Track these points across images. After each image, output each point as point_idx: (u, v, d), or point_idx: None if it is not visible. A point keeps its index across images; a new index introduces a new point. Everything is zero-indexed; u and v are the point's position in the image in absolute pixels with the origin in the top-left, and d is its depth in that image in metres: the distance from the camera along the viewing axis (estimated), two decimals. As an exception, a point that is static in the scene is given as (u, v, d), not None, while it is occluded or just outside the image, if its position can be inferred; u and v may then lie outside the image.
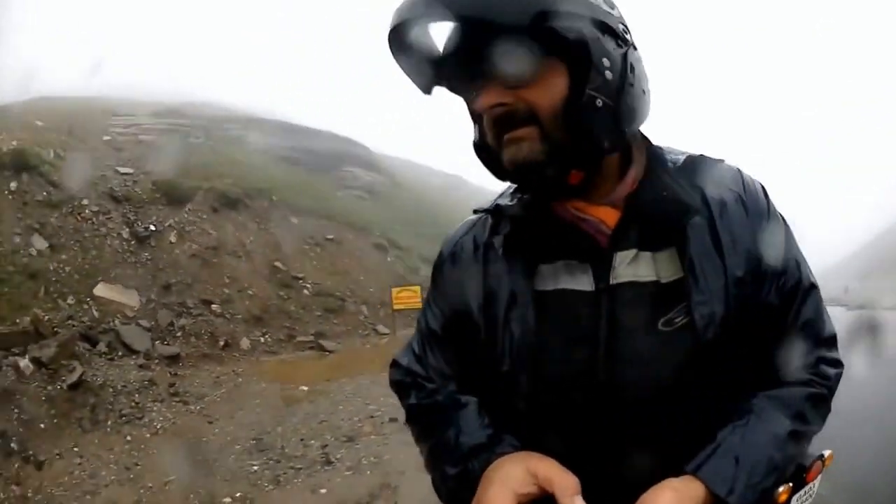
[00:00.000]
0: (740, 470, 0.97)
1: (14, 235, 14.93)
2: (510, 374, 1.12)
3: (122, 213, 19.20)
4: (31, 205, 16.28)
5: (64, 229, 16.51)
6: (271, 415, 10.60)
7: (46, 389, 9.67)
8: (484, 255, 1.21)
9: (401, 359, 1.39)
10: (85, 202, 18.07)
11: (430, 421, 1.28)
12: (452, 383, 1.27)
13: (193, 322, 16.42)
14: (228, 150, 31.42)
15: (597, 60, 0.99)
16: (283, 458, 8.35)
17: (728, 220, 1.08)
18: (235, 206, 23.60)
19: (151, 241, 18.78)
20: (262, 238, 23.42)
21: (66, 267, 15.26)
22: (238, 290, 19.48)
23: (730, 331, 1.03)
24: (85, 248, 16.48)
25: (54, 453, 8.44)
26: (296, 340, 18.49)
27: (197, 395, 11.85)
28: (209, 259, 19.86)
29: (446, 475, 1.16)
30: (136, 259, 17.66)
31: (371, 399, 11.22)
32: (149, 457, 8.65)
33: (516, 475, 0.99)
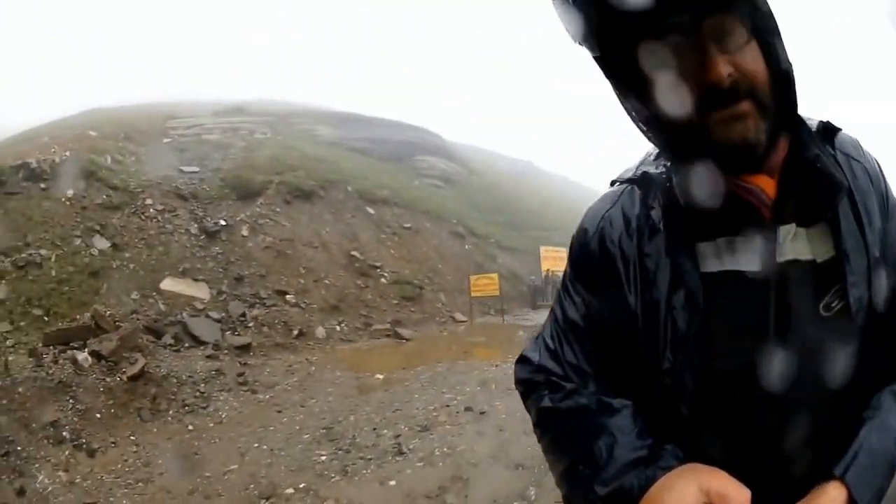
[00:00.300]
0: (875, 474, 0.91)
1: (73, 238, 15.46)
2: (672, 372, 0.99)
3: (189, 209, 19.74)
4: (90, 209, 16.89)
5: (127, 229, 17.06)
6: (344, 404, 10.35)
7: (105, 381, 9.80)
8: (638, 230, 1.07)
9: (530, 354, 1.23)
10: (148, 202, 18.66)
11: (570, 427, 1.08)
12: (593, 383, 1.11)
13: (266, 312, 16.50)
14: (297, 143, 31.81)
15: (775, 29, 0.95)
16: (354, 447, 8.00)
17: (861, 195, 1.01)
18: (309, 198, 23.89)
19: (222, 235, 19.14)
20: (338, 228, 23.64)
21: (130, 264, 15.73)
22: (314, 279, 19.63)
23: (873, 316, 0.97)
24: (150, 246, 16.95)
25: (109, 441, 8.43)
26: (372, 328, 18.37)
27: (267, 384, 11.76)
28: (283, 250, 20.10)
29: (593, 495, 0.96)
30: (206, 253, 18.01)
31: (447, 388, 10.92)
32: (210, 446, 8.50)
33: (690, 495, 0.85)
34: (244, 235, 19.61)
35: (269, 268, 18.77)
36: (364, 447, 7.91)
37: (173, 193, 19.97)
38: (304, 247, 21.00)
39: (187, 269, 16.59)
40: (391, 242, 25.21)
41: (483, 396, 9.93)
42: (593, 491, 0.97)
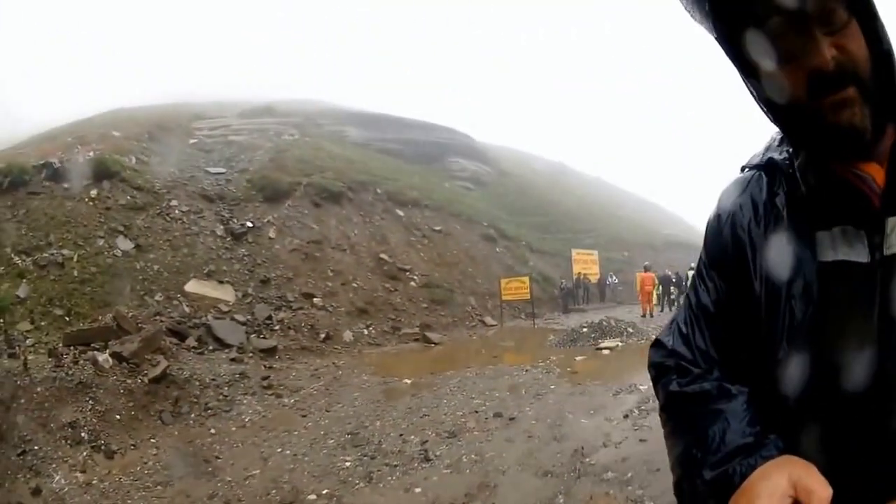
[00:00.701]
0: None
1: (97, 238, 15.66)
2: (785, 362, 0.99)
3: (215, 211, 19.90)
4: (114, 209, 17.10)
5: (152, 230, 17.25)
6: (370, 408, 10.24)
7: (125, 382, 9.81)
8: (765, 217, 1.08)
9: (664, 338, 1.21)
10: (174, 203, 18.86)
11: (692, 412, 1.09)
12: (718, 368, 1.11)
13: (293, 315, 16.52)
14: (325, 145, 31.98)
15: (874, 10, 0.93)
16: (379, 453, 7.87)
17: None
18: (338, 200, 23.96)
19: (248, 237, 19.25)
20: (367, 231, 23.69)
21: (154, 265, 15.89)
22: (342, 282, 19.64)
23: None
24: (175, 247, 17.10)
25: (128, 444, 8.44)
26: (401, 332, 18.30)
27: (292, 388, 11.71)
28: (311, 253, 20.17)
29: (700, 479, 0.99)
30: (232, 255, 18.12)
31: (476, 393, 10.77)
32: (231, 450, 8.43)
33: (781, 487, 0.86)
34: (271, 237, 19.68)
35: (296, 270, 18.80)
36: (390, 453, 7.79)
37: (199, 195, 20.13)
38: (332, 249, 21.04)
39: (213, 272, 16.67)
40: (421, 245, 25.20)
41: (513, 402, 9.79)
42: (701, 475, 0.99)
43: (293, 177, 23.39)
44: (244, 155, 26.58)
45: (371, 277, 20.84)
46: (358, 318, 18.10)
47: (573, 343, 15.87)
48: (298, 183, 22.99)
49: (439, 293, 22.03)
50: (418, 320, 19.60)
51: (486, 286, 24.58)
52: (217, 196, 20.62)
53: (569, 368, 12.57)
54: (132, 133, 24.34)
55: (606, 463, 6.47)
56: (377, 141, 37.38)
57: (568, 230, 39.43)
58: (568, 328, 18.00)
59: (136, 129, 25.14)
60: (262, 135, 30.76)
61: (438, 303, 21.55)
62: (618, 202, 53.92)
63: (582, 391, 10.22)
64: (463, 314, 21.95)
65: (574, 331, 16.85)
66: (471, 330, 20.71)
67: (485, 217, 31.96)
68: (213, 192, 20.80)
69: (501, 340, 18.61)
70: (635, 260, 37.73)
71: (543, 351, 15.33)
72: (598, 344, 15.23)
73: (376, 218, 24.69)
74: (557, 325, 21.29)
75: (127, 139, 23.01)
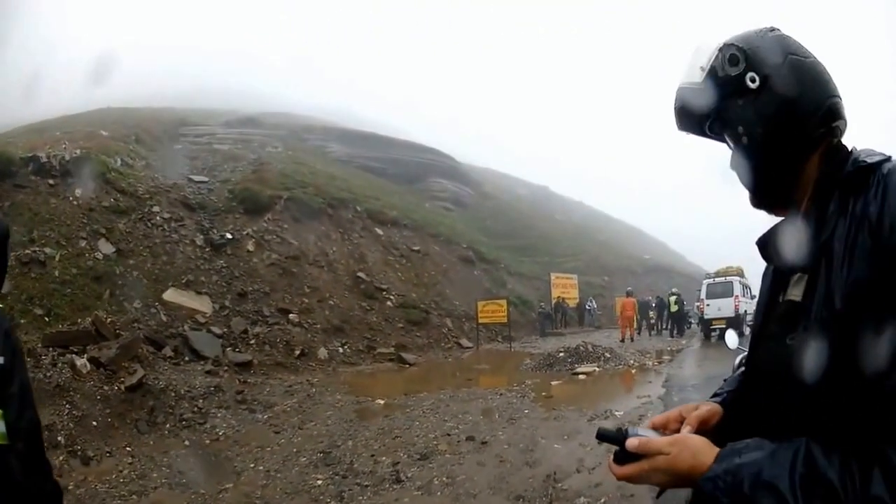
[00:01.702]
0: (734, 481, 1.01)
1: (79, 239, 15.58)
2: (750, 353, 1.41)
3: (195, 220, 19.87)
4: (97, 211, 17.00)
5: (133, 235, 17.18)
6: (343, 428, 10.32)
7: (102, 389, 9.87)
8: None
9: None
10: (156, 209, 18.80)
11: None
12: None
13: (269, 330, 16.57)
14: (308, 159, 32.07)
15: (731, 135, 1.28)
16: (351, 473, 7.95)
17: (847, 245, 1.09)
18: (318, 216, 24.00)
19: (227, 248, 19.26)
20: (346, 248, 23.73)
21: (133, 271, 15.86)
22: (318, 299, 19.69)
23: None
24: (155, 254, 17.07)
25: (104, 451, 8.50)
26: (376, 352, 18.39)
27: (266, 403, 11.77)
28: (289, 268, 20.18)
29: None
30: (211, 266, 18.12)
31: (449, 416, 10.84)
32: (206, 462, 8.52)
33: (675, 411, 1.39)
34: (250, 250, 19.71)
35: (273, 285, 18.83)
36: (361, 473, 7.85)
37: (181, 202, 20.13)
38: (309, 265, 21.09)
39: (191, 281, 16.70)
40: (398, 265, 25.27)
41: (486, 425, 9.90)
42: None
43: (274, 190, 23.42)
44: (227, 164, 26.65)
45: (348, 295, 20.91)
46: (333, 336, 18.17)
47: (549, 367, 16.07)
48: (279, 197, 23.02)
49: (415, 314, 22.11)
50: (394, 340, 19.67)
51: (464, 308, 24.73)
52: (198, 205, 20.63)
53: (544, 393, 12.72)
54: (119, 134, 24.33)
55: (579, 488, 6.53)
56: (360, 158, 37.62)
57: (547, 253, 39.77)
58: (545, 352, 18.17)
59: (123, 130, 25.14)
60: (246, 145, 30.88)
61: (414, 323, 21.62)
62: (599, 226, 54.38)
63: (556, 416, 10.32)
64: (439, 336, 22.06)
65: (550, 355, 17.06)
66: (446, 352, 20.84)
67: (464, 239, 32.16)
68: (194, 200, 20.80)
69: (477, 363, 18.77)
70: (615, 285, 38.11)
71: (519, 375, 15.51)
72: (575, 369, 15.45)
73: (355, 236, 24.76)
74: (534, 348, 21.47)
75: (114, 139, 22.99)
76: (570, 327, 31.69)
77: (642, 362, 17.13)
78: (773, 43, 1.23)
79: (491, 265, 31.63)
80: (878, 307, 0.98)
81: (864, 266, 1.02)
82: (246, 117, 36.76)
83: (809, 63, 1.22)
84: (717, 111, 1.27)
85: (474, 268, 30.05)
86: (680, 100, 1.33)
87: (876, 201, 1.05)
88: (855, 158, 1.17)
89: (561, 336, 26.83)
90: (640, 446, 1.09)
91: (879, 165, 1.11)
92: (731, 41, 1.26)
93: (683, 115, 1.34)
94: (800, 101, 1.19)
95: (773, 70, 1.20)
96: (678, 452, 1.06)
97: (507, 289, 29.38)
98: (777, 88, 1.19)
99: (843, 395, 1.01)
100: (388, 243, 26.03)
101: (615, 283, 39.29)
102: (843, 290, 1.04)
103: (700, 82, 1.28)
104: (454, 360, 19.51)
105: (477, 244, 32.75)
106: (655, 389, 12.39)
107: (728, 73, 1.23)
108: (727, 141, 1.29)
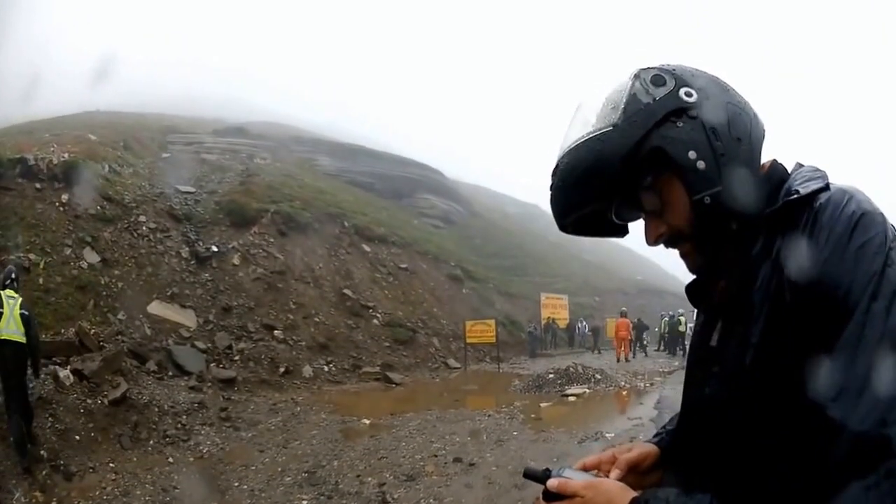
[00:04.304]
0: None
1: (64, 247, 15.49)
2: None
3: (181, 231, 19.84)
4: (83, 218, 16.91)
5: (118, 244, 17.11)
6: (328, 447, 10.34)
7: (86, 402, 9.84)
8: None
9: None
10: (142, 219, 18.75)
11: None
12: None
13: (254, 346, 16.56)
14: (296, 172, 32.11)
15: (683, 162, 1.05)
16: (336, 493, 7.98)
17: (769, 293, 1.04)
18: (304, 231, 23.98)
19: (213, 261, 19.24)
20: (332, 264, 23.68)
21: (118, 282, 15.76)
22: (304, 316, 19.67)
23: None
24: (140, 265, 17.02)
25: (87, 466, 8.49)
26: (361, 371, 18.36)
27: (250, 421, 11.80)
28: (274, 283, 20.15)
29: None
30: (196, 279, 18.11)
31: (436, 436, 10.87)
32: (190, 480, 8.51)
33: (608, 452, 1.35)
34: (235, 264, 19.69)
35: (258, 300, 18.81)
36: (347, 494, 7.89)
37: (167, 212, 20.10)
38: (295, 281, 21.06)
39: (176, 294, 16.67)
40: (386, 282, 25.24)
41: (473, 447, 9.95)
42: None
43: (261, 203, 23.44)
44: (215, 175, 26.67)
45: (333, 312, 20.90)
46: (319, 354, 18.17)
47: (539, 389, 16.10)
48: (266, 210, 23.03)
49: (402, 332, 22.09)
50: (380, 359, 19.65)
51: (451, 328, 24.74)
52: (184, 216, 20.61)
53: (533, 415, 12.80)
54: (108, 139, 24.28)
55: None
56: (348, 172, 37.74)
57: (537, 273, 39.80)
58: (534, 373, 18.22)
59: (112, 136, 25.10)
60: (233, 156, 30.94)
61: (401, 342, 21.62)
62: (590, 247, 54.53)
63: (545, 438, 10.41)
64: (426, 355, 22.07)
65: (540, 376, 17.09)
66: (433, 372, 20.85)
67: (452, 257, 32.22)
68: (181, 211, 20.79)
69: (465, 384, 18.81)
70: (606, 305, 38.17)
71: (507, 396, 15.55)
72: (565, 390, 15.48)
73: (342, 252, 24.74)
74: (523, 369, 21.55)
75: (103, 145, 22.92)
76: (559, 348, 31.76)
77: (634, 384, 17.23)
78: (683, 66, 1.13)
79: (480, 284, 31.65)
80: (790, 363, 0.94)
81: (778, 321, 0.98)
82: (234, 126, 36.84)
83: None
84: (653, 148, 1.04)
85: (463, 287, 30.08)
86: (584, 159, 1.08)
87: (799, 245, 0.97)
88: (788, 188, 1.07)
89: (551, 357, 26.86)
90: (558, 486, 1.12)
91: (813, 198, 1.00)
92: (643, 69, 1.11)
93: (591, 180, 1.08)
94: (746, 109, 1.11)
95: (705, 82, 1.10)
96: (593, 496, 1.09)
97: (495, 308, 29.37)
98: (719, 97, 1.08)
99: (749, 451, 1.01)
100: (375, 260, 26.00)
101: (606, 303, 39.38)
102: (754, 349, 1.01)
103: (616, 120, 1.05)
104: (441, 380, 19.53)
105: (466, 262, 32.82)
106: (647, 411, 12.51)
107: (655, 94, 1.06)
108: (658, 197, 1.11)
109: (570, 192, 1.13)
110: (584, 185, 1.10)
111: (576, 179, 1.10)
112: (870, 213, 0.96)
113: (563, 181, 1.12)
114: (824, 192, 1.00)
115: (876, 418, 0.83)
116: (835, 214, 0.96)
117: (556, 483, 1.13)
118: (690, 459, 1.17)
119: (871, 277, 0.90)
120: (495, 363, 22.96)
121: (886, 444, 0.82)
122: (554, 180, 1.15)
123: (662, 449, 1.32)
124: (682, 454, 1.22)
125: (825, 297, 0.91)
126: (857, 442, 0.84)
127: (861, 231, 0.94)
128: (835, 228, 0.94)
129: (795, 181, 1.07)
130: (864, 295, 0.89)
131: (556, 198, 1.15)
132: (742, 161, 1.07)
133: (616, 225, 1.22)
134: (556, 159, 1.14)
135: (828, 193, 1.00)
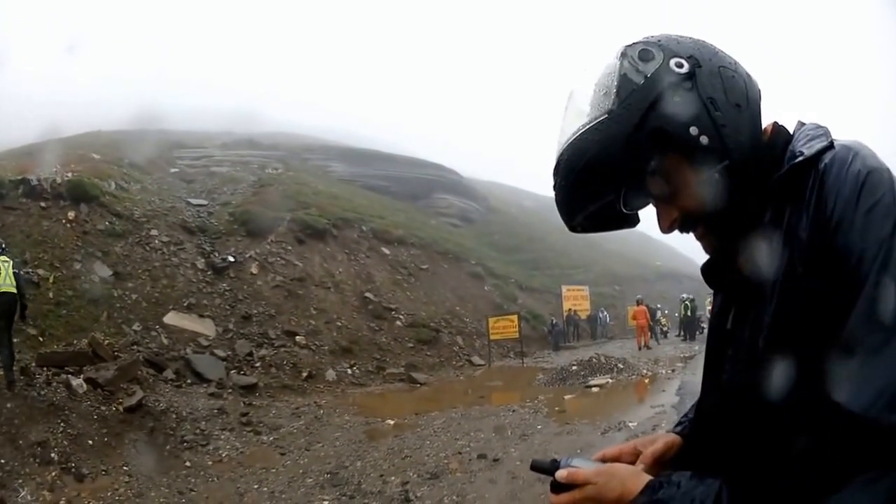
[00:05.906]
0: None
1: (74, 262, 15.68)
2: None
3: (196, 243, 19.95)
4: (91, 234, 17.14)
5: (130, 258, 17.29)
6: (351, 448, 10.28)
7: (99, 409, 9.91)
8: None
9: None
10: (154, 232, 18.92)
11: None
12: None
13: (275, 353, 16.52)
14: (310, 179, 32.26)
15: (686, 141, 0.99)
16: (359, 493, 7.90)
17: (783, 273, 1.01)
18: (322, 237, 24.05)
19: (230, 271, 19.30)
20: (352, 269, 23.73)
21: (132, 294, 15.92)
22: (325, 321, 19.67)
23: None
24: (154, 277, 17.12)
25: (100, 469, 8.51)
26: (385, 372, 18.30)
27: (271, 425, 11.73)
28: (294, 290, 20.18)
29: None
30: (213, 289, 18.14)
31: (461, 434, 10.76)
32: (207, 484, 8.48)
33: (630, 444, 1.30)
34: (253, 273, 19.73)
35: (278, 307, 18.83)
36: (369, 493, 7.81)
37: (179, 226, 20.25)
38: (315, 287, 21.08)
39: (193, 305, 16.72)
40: (407, 284, 25.26)
41: (498, 443, 9.82)
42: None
43: (276, 212, 23.48)
44: (226, 187, 26.82)
45: (356, 316, 20.89)
46: (342, 357, 18.11)
47: (562, 381, 15.98)
48: (282, 218, 23.09)
49: (425, 333, 22.06)
50: (404, 360, 19.62)
51: (474, 325, 24.68)
52: (198, 228, 20.74)
53: (557, 408, 12.65)
54: (112, 157, 24.57)
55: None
56: (363, 177, 37.87)
57: (557, 266, 39.67)
58: (557, 366, 18.11)
59: (115, 154, 25.39)
60: (244, 167, 31.08)
61: (424, 342, 21.58)
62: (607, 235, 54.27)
63: (569, 430, 10.26)
64: (450, 354, 22.01)
65: (563, 369, 16.98)
66: (458, 370, 20.77)
67: (472, 255, 32.17)
68: (194, 223, 20.91)
69: (489, 380, 18.71)
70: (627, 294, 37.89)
71: (531, 390, 15.41)
72: (588, 381, 15.37)
73: (361, 256, 24.79)
74: (547, 363, 21.40)
75: (107, 163, 23.18)
76: (582, 340, 31.59)
77: (655, 371, 17.07)
78: (667, 34, 1.07)
79: (501, 280, 31.55)
80: (805, 344, 0.92)
81: (792, 297, 0.95)
82: (243, 139, 37.03)
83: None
84: (652, 129, 0.97)
85: (484, 284, 30.04)
86: (584, 152, 1.02)
87: (808, 213, 0.95)
88: (792, 150, 1.03)
89: (574, 349, 26.73)
90: (567, 476, 1.08)
91: (818, 158, 0.98)
92: (629, 45, 1.05)
93: (594, 174, 1.03)
94: (738, 70, 1.05)
95: (693, 48, 1.03)
96: (606, 482, 1.05)
97: (517, 304, 29.27)
98: (710, 62, 1.02)
99: (766, 436, 0.97)
100: (395, 262, 26.05)
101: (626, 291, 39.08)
102: (767, 329, 0.99)
103: (611, 106, 0.99)
104: (466, 377, 19.45)
105: (486, 260, 32.76)
106: (669, 398, 12.32)
107: (646, 71, 1.00)
108: (664, 181, 1.04)
109: (575, 191, 1.09)
110: (588, 181, 1.06)
111: (579, 176, 1.05)
112: (876, 170, 0.94)
113: (566, 180, 1.07)
114: (829, 151, 0.98)
115: (884, 403, 0.81)
116: (840, 175, 0.94)
117: (565, 474, 1.09)
118: (707, 446, 1.13)
119: (880, 244, 0.88)
120: (519, 358, 22.77)
121: (894, 430, 0.81)
122: (557, 180, 1.10)
123: (684, 437, 1.27)
124: (699, 441, 1.19)
125: (835, 268, 0.90)
126: (864, 428, 0.82)
127: (868, 192, 0.91)
128: (842, 191, 0.92)
129: (798, 142, 1.05)
130: (875, 264, 0.87)
131: (561, 198, 1.11)
132: (745, 129, 1.02)
133: (626, 215, 1.14)
134: (555, 156, 1.09)
135: (832, 152, 0.98)
